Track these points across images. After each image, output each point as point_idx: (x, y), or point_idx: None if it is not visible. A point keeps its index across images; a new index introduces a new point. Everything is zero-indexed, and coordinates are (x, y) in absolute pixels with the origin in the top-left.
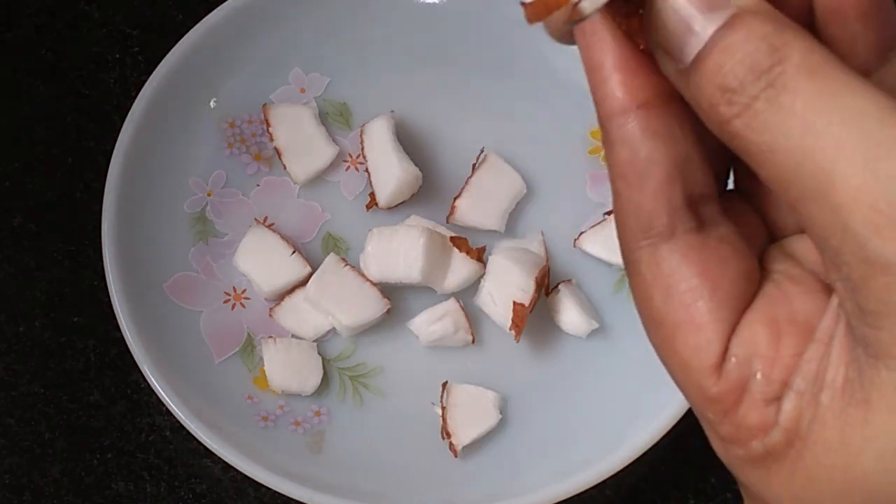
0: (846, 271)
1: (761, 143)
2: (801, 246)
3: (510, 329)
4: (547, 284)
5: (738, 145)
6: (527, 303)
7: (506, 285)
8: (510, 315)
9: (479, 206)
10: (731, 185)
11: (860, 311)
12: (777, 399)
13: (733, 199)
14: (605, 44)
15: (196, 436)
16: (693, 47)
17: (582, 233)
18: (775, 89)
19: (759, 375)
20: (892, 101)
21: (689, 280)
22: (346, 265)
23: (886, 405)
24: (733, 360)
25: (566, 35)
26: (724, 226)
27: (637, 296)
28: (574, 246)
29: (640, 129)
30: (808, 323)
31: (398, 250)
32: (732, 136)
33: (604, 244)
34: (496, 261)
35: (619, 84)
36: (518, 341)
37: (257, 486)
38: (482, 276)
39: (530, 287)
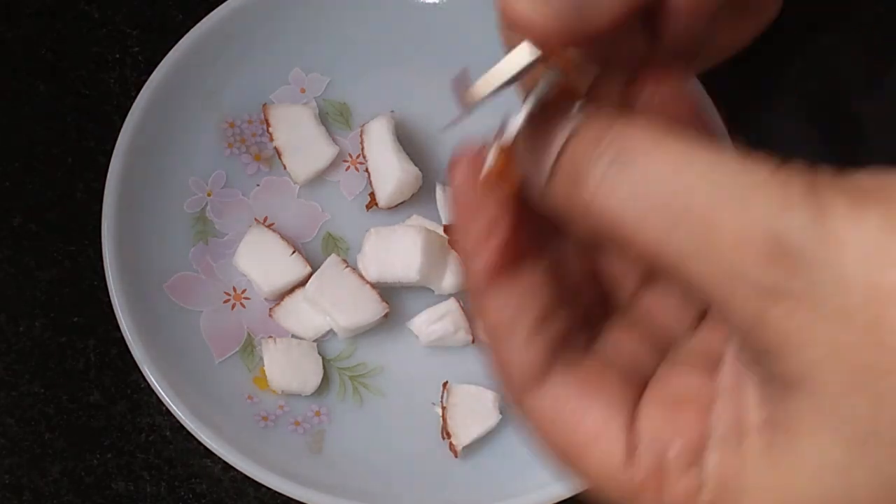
0: (739, 316)
1: (625, 216)
2: (692, 341)
3: None
4: None
5: (605, 230)
6: None
7: None
8: None
9: None
10: None
11: (762, 353)
12: (697, 462)
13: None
14: (473, 214)
15: (196, 436)
16: (548, 162)
17: None
18: (623, 161)
19: (670, 451)
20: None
21: (574, 402)
22: (346, 266)
23: (808, 427)
24: (640, 447)
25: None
26: (596, 351)
27: (539, 441)
28: None
29: (501, 296)
30: (697, 393)
31: (396, 250)
32: (597, 223)
33: None
34: None
35: (479, 251)
36: None
37: (257, 486)
38: None
39: None
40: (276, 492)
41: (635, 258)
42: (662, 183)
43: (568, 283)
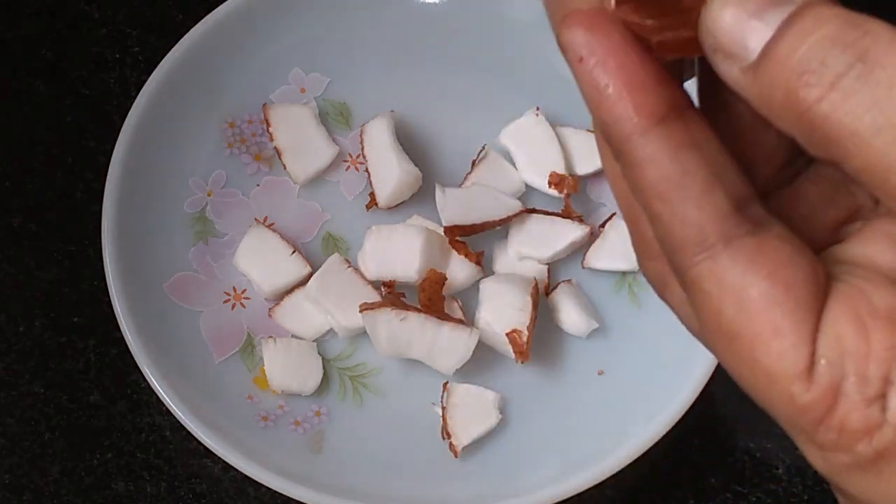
0: None
1: (856, 126)
2: (857, 250)
3: (516, 360)
4: (547, 285)
5: (820, 136)
6: (527, 321)
7: (503, 309)
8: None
9: None
10: None
11: None
12: (880, 397)
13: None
14: (608, 63)
15: (196, 436)
16: (758, 40)
17: (585, 253)
18: (867, 64)
19: (853, 376)
20: None
21: (760, 285)
22: (348, 266)
23: None
24: (823, 362)
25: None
26: (778, 225)
27: (704, 315)
28: (583, 267)
29: (666, 145)
30: (894, 315)
31: (396, 249)
32: (815, 127)
33: (608, 256)
34: (487, 287)
35: (632, 105)
36: (526, 362)
37: (257, 486)
38: (480, 278)
39: (527, 304)
40: (276, 492)
41: (847, 169)
42: None
43: (734, 152)
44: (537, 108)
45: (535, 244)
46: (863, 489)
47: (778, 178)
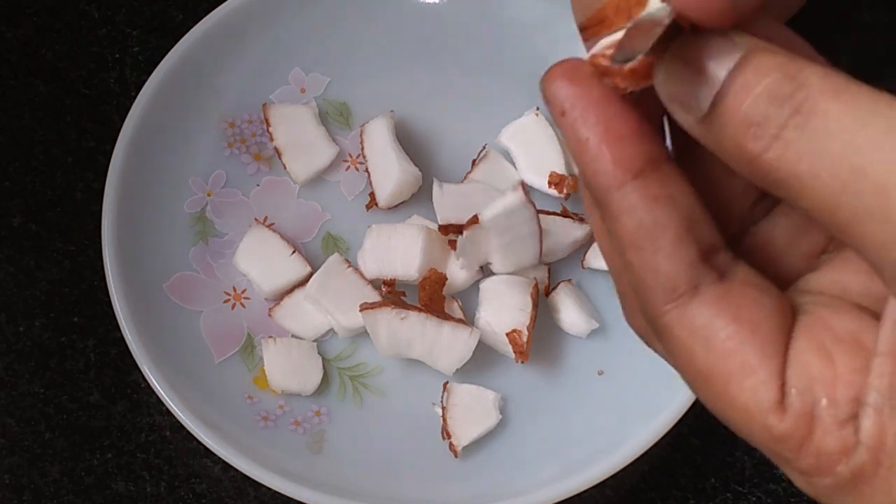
0: None
1: (799, 172)
2: (829, 278)
3: (516, 360)
4: (547, 285)
5: (771, 180)
6: (527, 321)
7: (503, 309)
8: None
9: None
10: None
11: None
12: (852, 419)
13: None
14: (588, 117)
15: (196, 436)
16: (708, 93)
17: (585, 253)
18: (803, 115)
19: (824, 401)
20: None
21: (727, 328)
22: (348, 266)
23: None
24: (793, 391)
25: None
26: (743, 269)
27: (677, 360)
28: (583, 267)
29: (641, 198)
30: (855, 339)
31: (396, 248)
32: (764, 173)
33: None
34: (487, 287)
35: (610, 159)
36: (526, 362)
37: (257, 486)
38: (480, 278)
39: (527, 304)
40: (276, 492)
41: (799, 209)
42: (844, 141)
43: (706, 201)
44: (537, 108)
45: None
46: None
47: (753, 213)
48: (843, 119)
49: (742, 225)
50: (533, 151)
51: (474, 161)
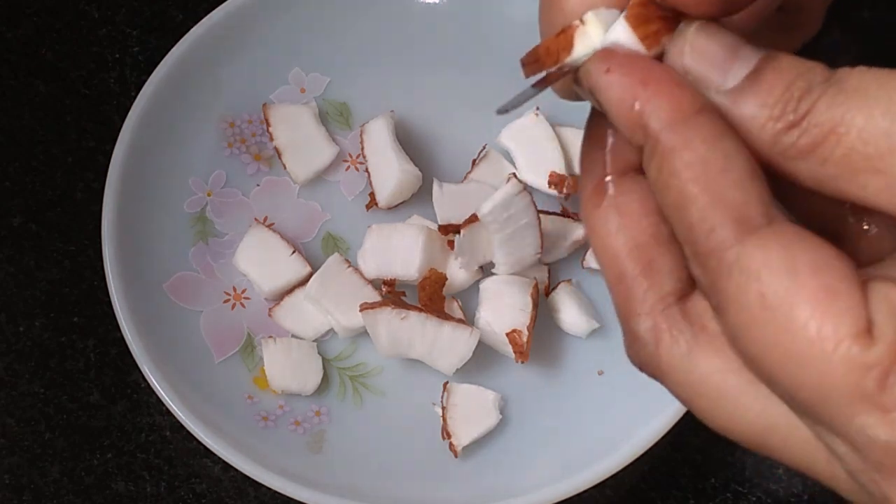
0: None
1: (834, 126)
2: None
3: (516, 360)
4: (547, 285)
5: (800, 146)
6: (527, 321)
7: (503, 309)
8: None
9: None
10: None
11: None
12: None
13: None
14: (640, 65)
15: (196, 436)
16: (740, 69)
17: (585, 254)
18: (838, 84)
19: None
20: None
21: (809, 254)
22: (348, 266)
23: None
24: (881, 318)
25: (571, 94)
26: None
27: (746, 299)
28: (583, 267)
29: (707, 132)
30: None
31: (397, 248)
32: (796, 139)
33: None
34: (487, 287)
35: (671, 95)
36: (526, 362)
37: (257, 486)
38: (479, 278)
39: (528, 304)
40: (276, 492)
41: (825, 174)
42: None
43: None
44: (537, 108)
45: None
46: None
47: None
48: (878, 81)
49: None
50: (533, 151)
51: (474, 161)
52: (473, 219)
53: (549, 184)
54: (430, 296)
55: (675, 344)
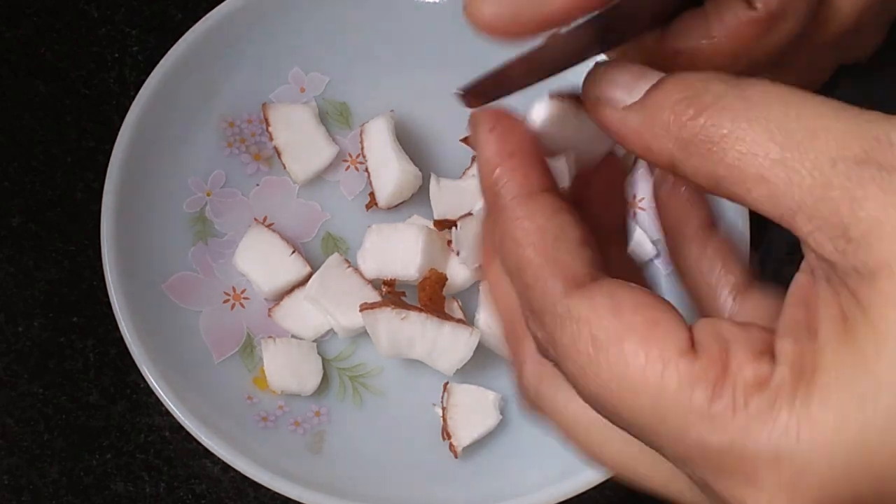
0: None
1: (725, 134)
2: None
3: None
4: None
5: (698, 142)
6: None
7: None
8: None
9: None
10: None
11: (846, 244)
12: (766, 352)
13: None
14: (511, 140)
15: (195, 436)
16: (645, 84)
17: None
18: (739, 87)
19: (736, 342)
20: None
21: (631, 297)
22: (348, 266)
23: (888, 312)
24: (704, 337)
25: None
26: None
27: (576, 343)
28: None
29: (547, 206)
30: (756, 315)
31: (396, 247)
32: (692, 136)
33: None
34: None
35: (524, 171)
36: None
37: (257, 486)
38: (480, 279)
39: None
40: (276, 492)
41: (715, 172)
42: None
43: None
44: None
45: None
46: (766, 442)
47: None
48: (766, 98)
49: None
50: None
51: (474, 158)
52: (469, 215)
53: None
54: (431, 296)
55: (550, 387)
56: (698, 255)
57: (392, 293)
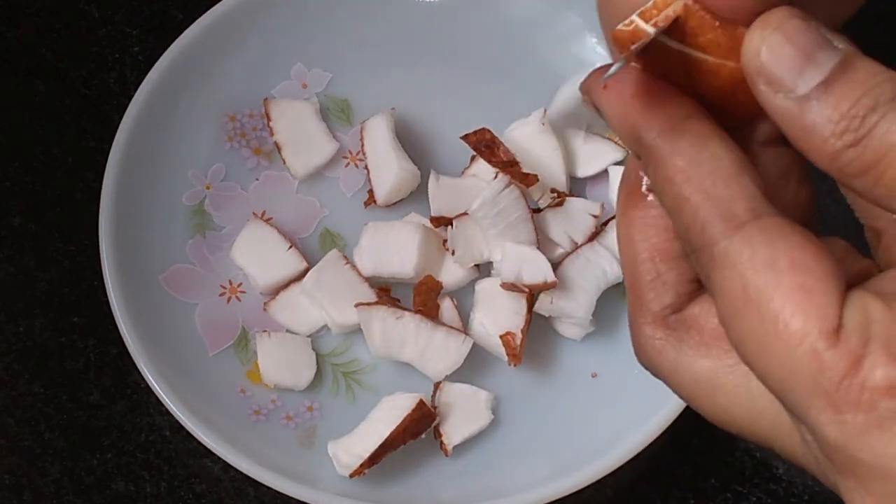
0: None
1: (889, 148)
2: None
3: (509, 363)
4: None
5: (857, 165)
6: (521, 324)
7: (497, 311)
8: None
9: None
10: None
11: None
12: None
13: None
14: (632, 84)
15: (185, 426)
16: (811, 79)
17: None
18: None
19: (879, 337)
20: None
21: (791, 253)
22: (346, 263)
23: None
24: (850, 324)
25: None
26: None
27: (729, 290)
28: None
29: (695, 135)
30: None
31: (393, 245)
32: (855, 158)
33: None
34: (482, 289)
35: (657, 106)
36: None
37: (257, 485)
38: (475, 278)
39: (522, 307)
40: (276, 492)
41: (872, 196)
42: None
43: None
44: (545, 110)
45: None
46: (881, 450)
47: None
48: None
49: None
50: (532, 160)
51: (473, 157)
52: (465, 215)
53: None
54: (425, 302)
55: (673, 349)
56: None
57: (387, 298)
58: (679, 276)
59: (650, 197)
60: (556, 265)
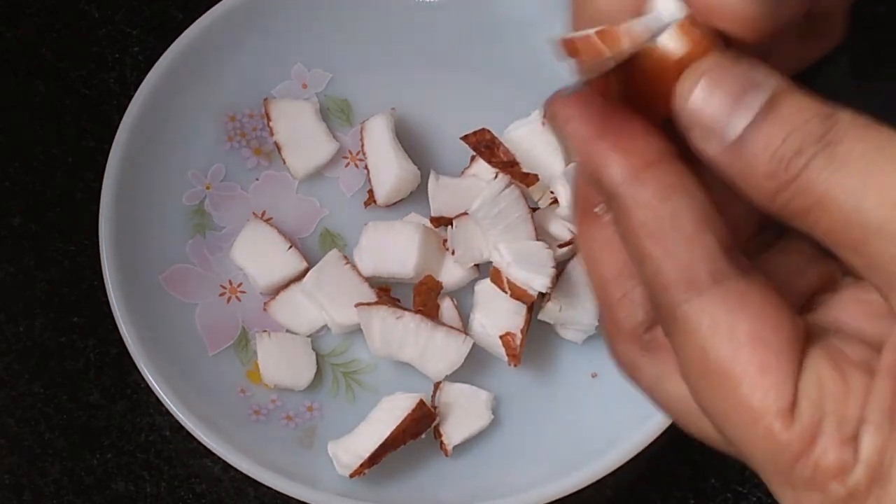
0: None
1: (820, 197)
2: (828, 318)
3: (509, 363)
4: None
5: (793, 208)
6: (521, 325)
7: (496, 312)
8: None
9: None
10: None
11: None
12: (854, 438)
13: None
14: (594, 119)
15: (185, 425)
16: (737, 125)
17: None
18: (831, 150)
19: (832, 416)
20: None
21: (749, 323)
22: (346, 263)
23: None
24: (805, 401)
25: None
26: (760, 274)
27: (689, 354)
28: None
29: (658, 187)
30: (866, 364)
31: (393, 245)
32: (789, 200)
33: None
34: (482, 289)
35: (623, 150)
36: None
37: (257, 485)
38: (475, 278)
39: (522, 308)
40: (276, 491)
41: (814, 234)
42: (862, 173)
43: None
44: (545, 117)
45: None
46: None
47: (747, 250)
48: (866, 156)
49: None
50: (531, 160)
51: (473, 157)
52: (465, 215)
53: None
54: (425, 302)
55: (648, 367)
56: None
57: (387, 298)
58: (647, 294)
59: (606, 217)
60: (559, 269)
